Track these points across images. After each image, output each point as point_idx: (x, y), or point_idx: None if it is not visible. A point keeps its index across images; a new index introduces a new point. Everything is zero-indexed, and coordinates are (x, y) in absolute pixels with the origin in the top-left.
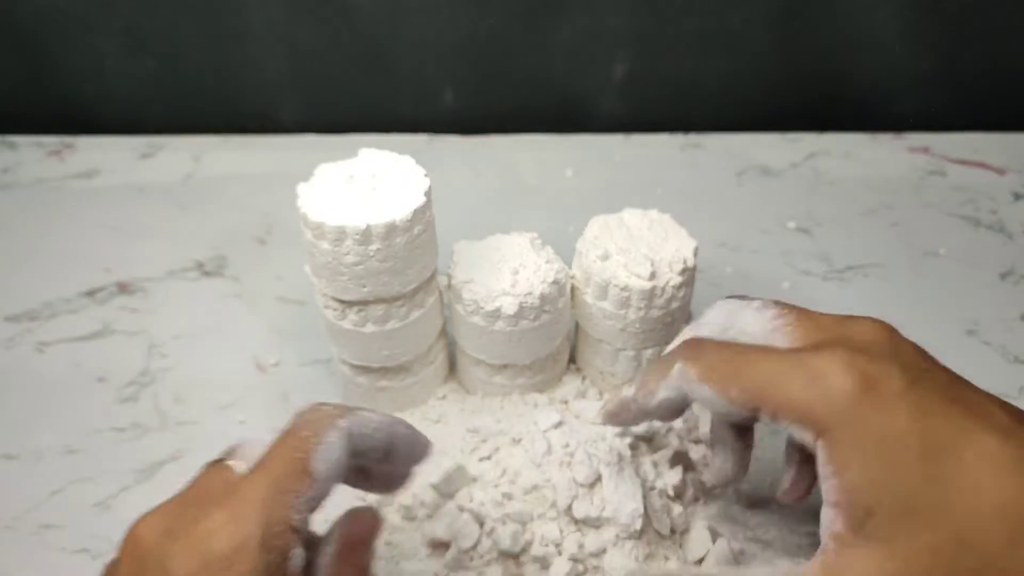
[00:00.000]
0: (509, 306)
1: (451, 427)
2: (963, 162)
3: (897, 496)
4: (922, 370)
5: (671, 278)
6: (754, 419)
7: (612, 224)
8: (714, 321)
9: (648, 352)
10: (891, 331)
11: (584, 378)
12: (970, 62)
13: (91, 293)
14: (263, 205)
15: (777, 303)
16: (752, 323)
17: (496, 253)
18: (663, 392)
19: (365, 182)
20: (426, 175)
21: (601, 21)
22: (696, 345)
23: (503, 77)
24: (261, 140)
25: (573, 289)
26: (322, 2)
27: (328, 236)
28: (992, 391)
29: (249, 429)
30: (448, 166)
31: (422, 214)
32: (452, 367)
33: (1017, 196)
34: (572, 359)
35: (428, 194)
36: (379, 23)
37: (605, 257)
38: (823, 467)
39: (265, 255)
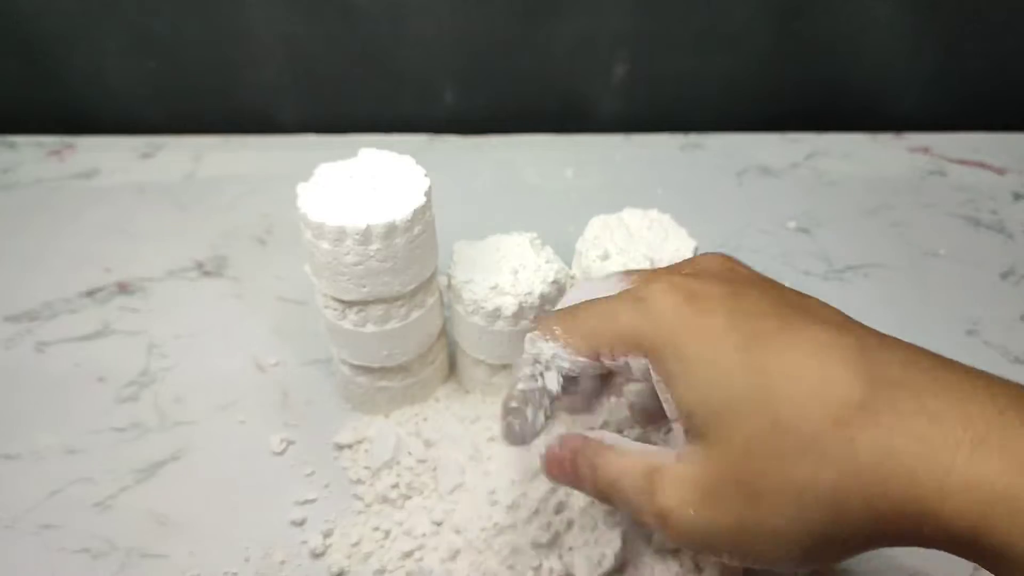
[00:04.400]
0: (509, 306)
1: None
2: (963, 162)
3: (719, 394)
4: (752, 282)
5: None
6: (602, 366)
7: (612, 224)
8: (571, 299)
9: None
10: (729, 259)
11: None
12: (970, 62)
13: (91, 293)
14: (263, 205)
15: (630, 272)
16: (605, 291)
17: (496, 253)
18: (522, 368)
19: (365, 182)
20: (426, 175)
21: (601, 21)
22: (543, 316)
23: (503, 77)
24: (261, 140)
25: None
26: (322, 2)
27: (328, 236)
28: None
29: (249, 429)
30: (448, 166)
31: (422, 214)
32: (452, 367)
33: (1017, 196)
34: None
35: (428, 194)
36: (379, 23)
37: (605, 257)
38: (657, 386)
39: (265, 255)
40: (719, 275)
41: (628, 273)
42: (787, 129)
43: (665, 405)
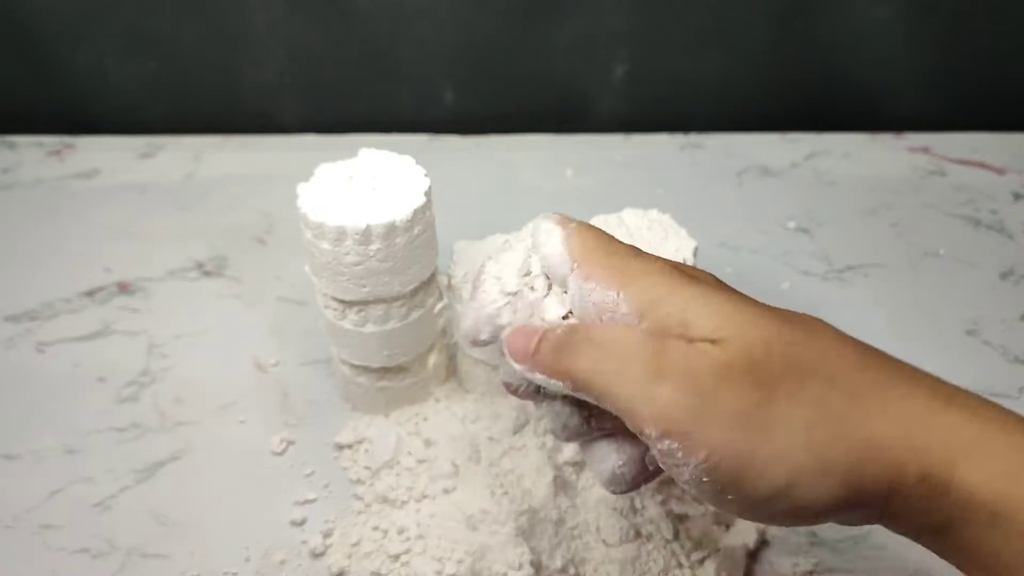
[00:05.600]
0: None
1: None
2: (963, 162)
3: (721, 305)
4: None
5: None
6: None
7: (612, 224)
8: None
9: None
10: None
11: None
12: (970, 62)
13: (91, 293)
14: (263, 205)
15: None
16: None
17: None
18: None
19: (365, 182)
20: (426, 175)
21: (601, 21)
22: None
23: (503, 77)
24: (261, 140)
25: None
26: (323, 2)
27: (328, 236)
28: (992, 391)
29: (249, 429)
30: (448, 166)
31: (422, 214)
32: (452, 367)
33: (1017, 196)
34: None
35: (428, 194)
36: (379, 23)
37: None
38: (625, 317)
39: (265, 255)
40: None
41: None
42: (787, 129)
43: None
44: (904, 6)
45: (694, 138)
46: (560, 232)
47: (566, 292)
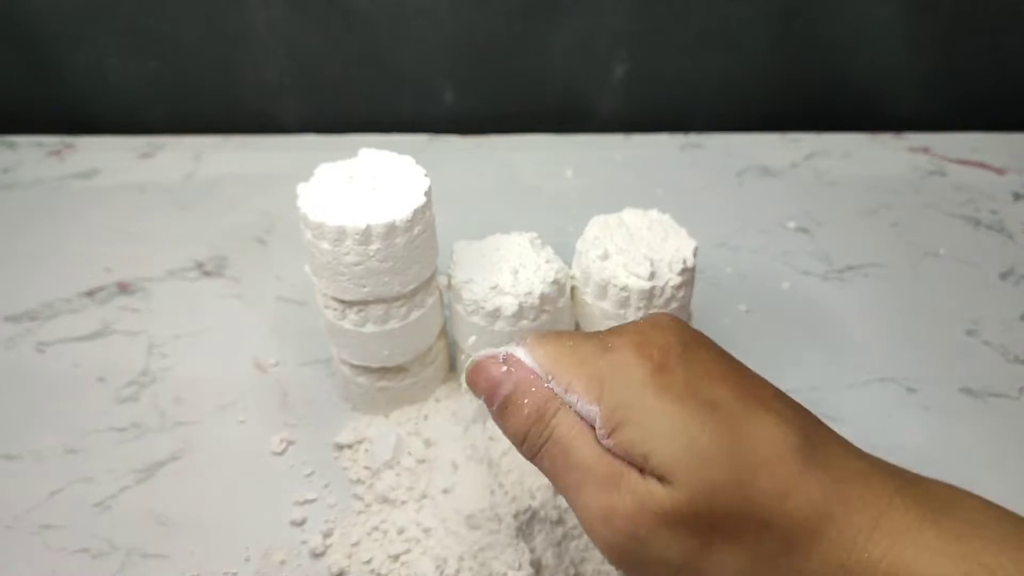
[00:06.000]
0: (509, 306)
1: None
2: (963, 162)
3: (677, 440)
4: (699, 342)
5: (670, 278)
6: (546, 391)
7: (612, 224)
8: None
9: None
10: (676, 318)
11: None
12: (970, 62)
13: (91, 293)
14: (263, 205)
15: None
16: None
17: (496, 253)
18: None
19: (365, 182)
20: (426, 175)
21: (601, 21)
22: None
23: (503, 77)
24: (261, 140)
25: (573, 289)
26: (323, 2)
27: (328, 236)
28: (992, 391)
29: (249, 429)
30: (448, 166)
31: (422, 214)
32: (452, 367)
33: (1017, 196)
34: None
35: (428, 194)
36: (379, 23)
37: (605, 257)
38: (599, 430)
39: (265, 255)
40: (669, 328)
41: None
42: (787, 129)
43: (605, 445)
44: (904, 6)
45: (694, 138)
46: (521, 350)
47: None
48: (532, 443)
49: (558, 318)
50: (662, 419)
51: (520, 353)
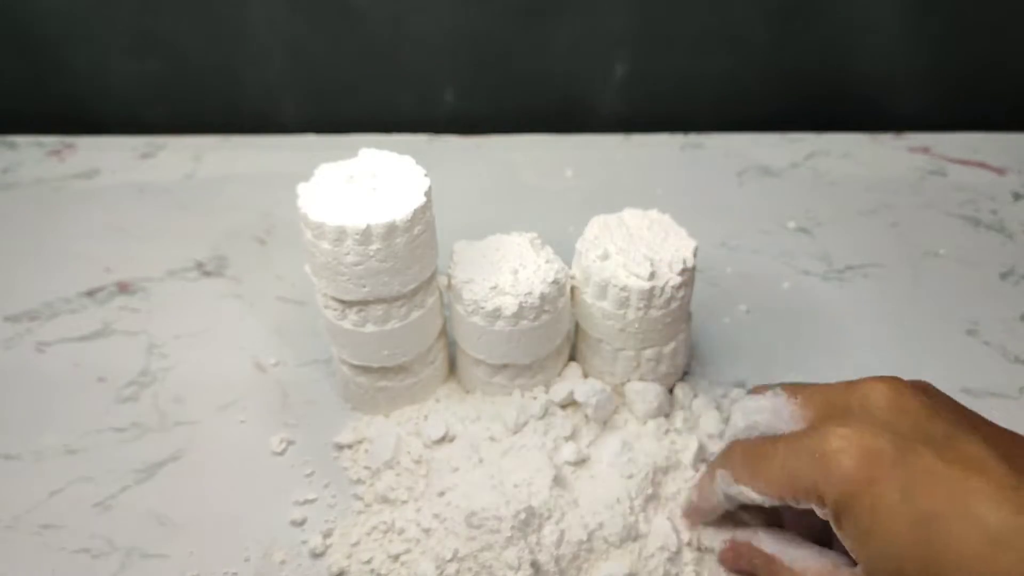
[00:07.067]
0: (509, 306)
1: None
2: (963, 162)
3: (892, 567)
4: (921, 432)
5: (670, 278)
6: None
7: (612, 224)
8: (738, 424)
9: (647, 352)
10: (896, 390)
11: (586, 375)
12: (970, 62)
13: (91, 293)
14: (263, 205)
15: (786, 387)
16: (770, 415)
17: (496, 253)
18: (716, 497)
19: (365, 182)
20: (426, 175)
21: (601, 21)
22: (729, 449)
23: (503, 77)
24: (261, 140)
25: (573, 289)
26: (322, 2)
27: (328, 236)
28: (992, 391)
29: (249, 429)
30: (448, 166)
31: (422, 214)
32: (452, 367)
33: (1017, 196)
34: (572, 359)
35: (428, 194)
36: (379, 23)
37: (605, 257)
38: (842, 541)
39: (265, 255)
40: (890, 421)
41: (792, 392)
42: (787, 129)
43: (846, 546)
44: (904, 6)
45: (694, 138)
46: (747, 490)
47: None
48: None
49: (558, 318)
50: (872, 542)
51: (745, 490)
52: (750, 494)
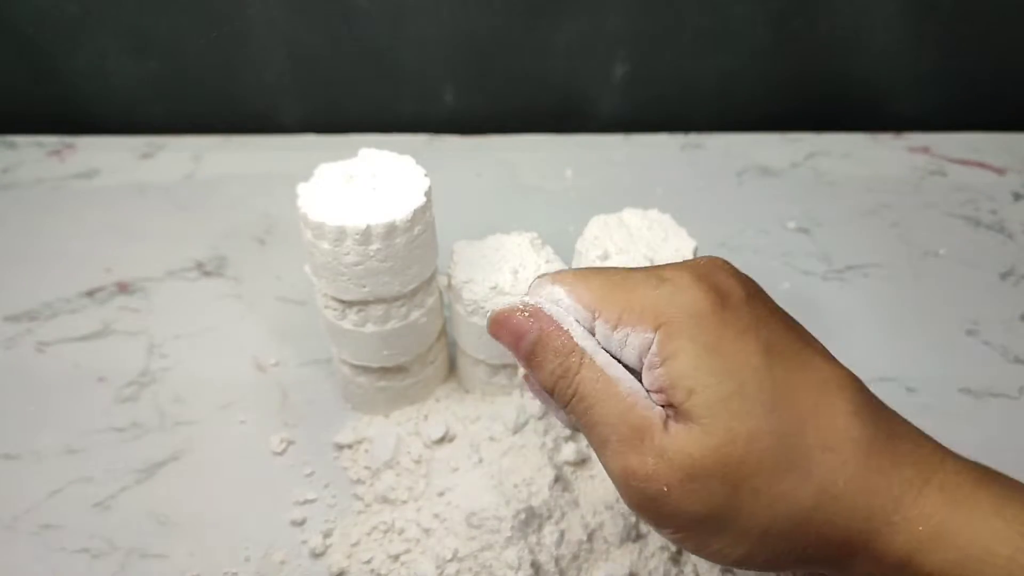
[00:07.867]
0: None
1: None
2: (963, 162)
3: (731, 386)
4: (758, 292)
5: None
6: (586, 331)
7: (612, 224)
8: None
9: None
10: (728, 263)
11: None
12: (970, 62)
13: (91, 293)
14: (263, 205)
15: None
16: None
17: (496, 253)
18: (529, 298)
19: (365, 182)
20: (426, 175)
21: (601, 21)
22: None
23: (503, 77)
24: (261, 140)
25: None
26: (322, 2)
27: (328, 236)
28: (992, 391)
29: (249, 429)
30: (448, 166)
31: (422, 214)
32: (452, 367)
33: (1017, 196)
34: None
35: (428, 194)
36: (379, 23)
37: (605, 257)
38: (652, 357)
39: (265, 255)
40: (732, 272)
41: (569, 286)
42: (787, 129)
43: (648, 376)
44: (904, 6)
45: (694, 138)
46: (560, 289)
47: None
48: (559, 398)
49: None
50: (716, 357)
51: (559, 292)
52: (564, 299)
